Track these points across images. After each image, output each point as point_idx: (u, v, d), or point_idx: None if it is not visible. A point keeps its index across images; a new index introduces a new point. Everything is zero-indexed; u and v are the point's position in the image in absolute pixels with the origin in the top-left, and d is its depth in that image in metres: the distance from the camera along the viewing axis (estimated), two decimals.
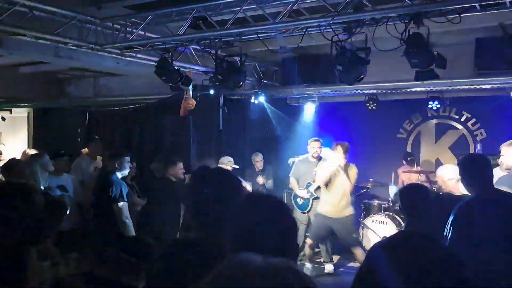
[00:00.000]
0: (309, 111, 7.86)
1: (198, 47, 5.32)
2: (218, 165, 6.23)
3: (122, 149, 5.67)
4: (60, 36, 4.85)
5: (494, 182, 3.13)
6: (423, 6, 3.80)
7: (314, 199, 6.58)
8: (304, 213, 6.69)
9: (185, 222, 5.47)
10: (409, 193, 2.82)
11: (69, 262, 4.42)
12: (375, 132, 8.00)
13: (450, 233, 2.86)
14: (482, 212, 2.78)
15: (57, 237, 3.81)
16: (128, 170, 5.09)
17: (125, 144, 7.10)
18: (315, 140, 6.54)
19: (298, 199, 6.76)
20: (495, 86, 6.09)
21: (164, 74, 5.05)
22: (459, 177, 3.67)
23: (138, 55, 5.62)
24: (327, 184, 5.94)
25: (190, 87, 6.10)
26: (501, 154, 4.24)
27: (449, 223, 2.88)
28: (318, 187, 6.42)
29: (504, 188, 3.12)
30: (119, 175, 4.89)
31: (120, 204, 4.70)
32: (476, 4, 3.80)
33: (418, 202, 2.75)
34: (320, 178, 6.02)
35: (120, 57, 5.58)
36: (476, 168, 2.97)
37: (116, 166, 4.87)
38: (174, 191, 5.67)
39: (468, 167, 3.01)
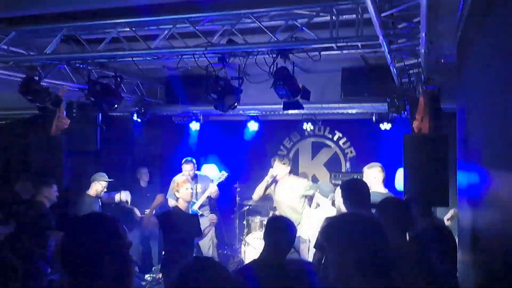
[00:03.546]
0: (194, 129, 7.92)
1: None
2: (92, 182, 6.00)
3: None
4: None
5: None
6: (287, 44, 4.10)
7: (199, 216, 6.66)
8: None
9: None
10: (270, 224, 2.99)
11: None
12: (257, 149, 8.33)
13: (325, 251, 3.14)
14: (345, 232, 3.08)
15: None
16: None
17: None
18: (188, 161, 6.61)
19: None
20: (360, 111, 6.77)
21: (30, 94, 4.69)
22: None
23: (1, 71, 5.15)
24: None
25: (64, 105, 5.74)
26: (363, 174, 4.92)
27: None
28: (202, 205, 6.52)
29: None
30: None
31: None
32: (334, 45, 4.21)
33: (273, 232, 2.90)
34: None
35: None
36: (352, 193, 3.32)
37: None
38: (46, 216, 5.26)
39: (347, 191, 3.36)
